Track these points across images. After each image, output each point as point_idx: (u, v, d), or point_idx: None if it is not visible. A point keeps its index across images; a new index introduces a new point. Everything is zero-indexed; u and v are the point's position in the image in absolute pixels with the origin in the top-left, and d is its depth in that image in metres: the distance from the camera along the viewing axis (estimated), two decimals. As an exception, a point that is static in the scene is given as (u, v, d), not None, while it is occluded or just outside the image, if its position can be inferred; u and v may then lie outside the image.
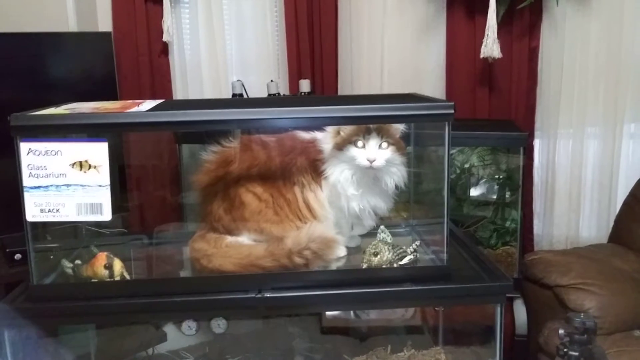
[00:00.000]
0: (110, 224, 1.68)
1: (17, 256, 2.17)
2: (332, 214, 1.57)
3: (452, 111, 1.35)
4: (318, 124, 1.51)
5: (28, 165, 1.30)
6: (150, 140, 2.45)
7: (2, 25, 2.35)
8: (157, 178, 2.75)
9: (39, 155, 1.30)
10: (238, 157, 1.55)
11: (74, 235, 1.74)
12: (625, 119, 2.68)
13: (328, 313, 2.43)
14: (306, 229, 1.49)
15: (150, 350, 2.51)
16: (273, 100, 2.37)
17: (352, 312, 2.41)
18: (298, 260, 1.44)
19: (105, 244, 1.60)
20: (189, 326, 2.18)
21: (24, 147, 1.29)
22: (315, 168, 1.56)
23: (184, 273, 1.63)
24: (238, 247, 1.51)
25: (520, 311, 2.58)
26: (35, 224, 1.35)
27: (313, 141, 1.58)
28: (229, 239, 1.54)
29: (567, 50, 2.67)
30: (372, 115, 1.37)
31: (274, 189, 1.54)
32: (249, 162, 1.55)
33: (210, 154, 1.60)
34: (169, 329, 2.59)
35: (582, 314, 1.54)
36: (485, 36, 2.53)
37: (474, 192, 2.67)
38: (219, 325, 2.14)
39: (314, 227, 1.50)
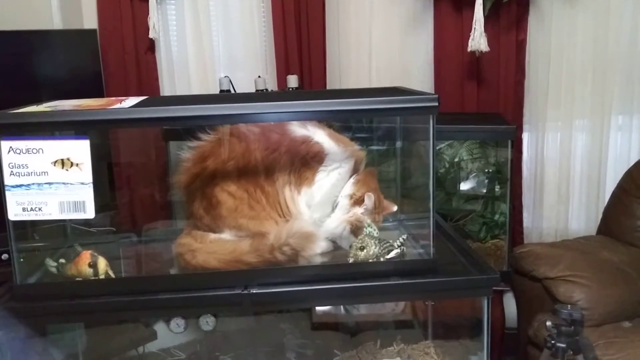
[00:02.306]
0: (98, 223, 1.67)
1: (4, 256, 2.15)
2: (309, 215, 1.56)
3: (437, 104, 1.34)
4: (303, 118, 1.50)
5: (9, 163, 1.29)
6: (137, 138, 2.43)
7: (-15, 23, 2.34)
8: (145, 176, 2.73)
9: (19, 153, 1.29)
10: (214, 152, 1.53)
11: (63, 235, 1.73)
12: (612, 111, 2.69)
13: (318, 309, 2.43)
14: (287, 224, 1.48)
15: (140, 349, 2.51)
16: (258, 95, 2.36)
17: (342, 308, 2.41)
18: (280, 256, 1.43)
19: (93, 243, 1.59)
20: (177, 324, 2.18)
21: (5, 145, 1.28)
22: (304, 166, 1.54)
23: (173, 271, 1.62)
24: (222, 243, 1.50)
25: (510, 304, 2.59)
26: (21, 224, 1.34)
27: (306, 140, 1.55)
28: (213, 235, 1.53)
29: (555, 43, 2.67)
30: (357, 109, 1.36)
31: (252, 183, 1.52)
32: (224, 157, 1.53)
33: (187, 152, 1.57)
34: (159, 327, 2.58)
35: (569, 306, 1.56)
36: (473, 30, 2.53)
37: (464, 186, 2.67)
38: (207, 322, 2.14)
39: (293, 222, 1.50)
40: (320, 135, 1.56)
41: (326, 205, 1.58)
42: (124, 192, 2.67)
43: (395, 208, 1.63)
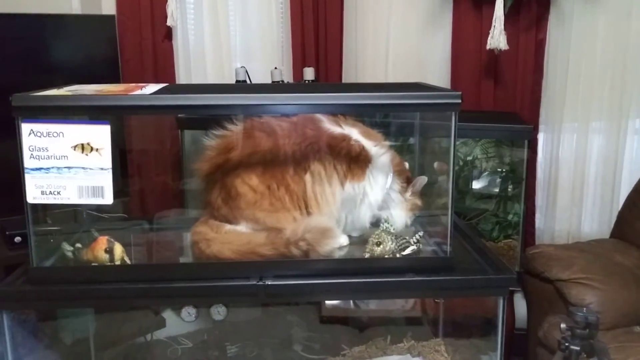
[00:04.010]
0: (110, 209, 1.67)
1: (17, 239, 2.16)
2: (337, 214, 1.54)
3: (459, 101, 1.33)
4: (325, 111, 1.49)
5: (29, 146, 1.28)
6: (152, 126, 2.44)
7: (4, 6, 2.32)
8: (158, 164, 2.73)
9: (40, 136, 1.28)
10: (240, 143, 1.52)
11: (74, 220, 1.73)
12: (630, 114, 2.67)
13: (327, 302, 2.43)
14: (305, 220, 1.47)
15: (149, 336, 2.52)
16: (280, 87, 2.35)
17: (351, 302, 2.41)
18: (295, 251, 1.43)
19: (104, 229, 1.59)
20: (188, 312, 2.18)
21: (26, 128, 1.28)
22: (345, 165, 1.52)
23: (184, 259, 1.62)
24: (238, 234, 1.50)
25: (520, 305, 2.57)
26: (35, 207, 1.34)
27: (345, 138, 1.53)
28: (228, 226, 1.52)
29: (574, 44, 2.65)
30: (379, 104, 1.35)
31: (276, 178, 1.50)
32: (250, 150, 1.51)
33: (212, 139, 1.55)
34: (168, 315, 2.59)
35: (584, 309, 1.54)
36: (492, 27, 2.51)
37: (477, 184, 2.66)
38: (218, 312, 2.14)
39: (312, 218, 1.49)
40: (356, 134, 1.55)
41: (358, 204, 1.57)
42: (137, 179, 2.67)
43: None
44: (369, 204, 1.56)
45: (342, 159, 1.52)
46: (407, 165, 1.67)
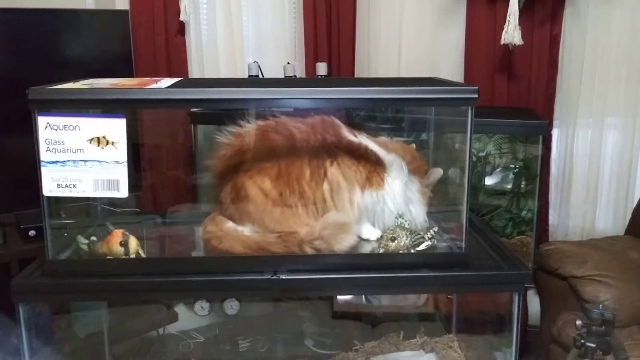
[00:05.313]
0: (122, 203, 1.68)
1: (32, 232, 2.17)
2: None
3: (476, 96, 1.33)
4: (340, 105, 1.48)
5: (46, 139, 1.29)
6: (165, 120, 2.44)
7: (18, 1, 2.34)
8: (170, 158, 2.74)
9: (56, 129, 1.29)
10: (257, 145, 1.49)
11: (87, 214, 1.74)
12: (646, 110, 2.64)
13: (339, 298, 2.43)
14: (321, 219, 1.46)
15: (161, 330, 2.53)
16: (298, 81, 2.34)
17: (363, 298, 2.41)
18: (309, 250, 1.42)
19: (118, 222, 1.60)
20: (201, 306, 2.19)
21: (42, 121, 1.28)
22: (371, 171, 1.52)
23: (196, 254, 1.62)
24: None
25: (533, 301, 2.56)
26: (49, 201, 1.34)
27: (364, 147, 1.52)
28: (231, 225, 1.50)
29: (589, 39, 2.62)
30: (395, 98, 1.35)
31: (290, 185, 1.47)
32: (265, 151, 1.48)
33: (227, 137, 1.53)
34: (180, 309, 2.60)
35: (600, 305, 1.53)
36: (507, 22, 2.49)
37: (490, 180, 2.64)
38: (231, 306, 2.15)
39: (328, 215, 1.47)
40: (372, 144, 1.55)
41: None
42: (149, 173, 2.68)
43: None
44: (390, 211, 1.54)
45: (362, 166, 1.50)
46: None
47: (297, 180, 1.47)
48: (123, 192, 1.34)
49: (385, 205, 1.53)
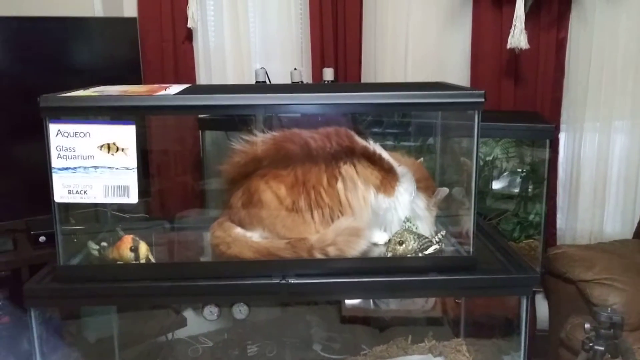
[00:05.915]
0: (131, 209, 1.69)
1: (42, 238, 2.19)
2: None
3: (483, 100, 1.34)
4: (348, 110, 1.49)
5: (57, 146, 1.31)
6: (173, 127, 2.46)
7: (27, 9, 2.36)
8: (179, 164, 2.75)
9: (67, 136, 1.31)
10: (272, 153, 1.50)
11: (95, 220, 1.75)
12: (653, 113, 2.64)
13: (347, 302, 2.43)
14: (333, 226, 1.47)
15: (170, 335, 2.54)
16: (306, 87, 2.35)
17: (371, 302, 2.41)
18: (318, 256, 1.42)
19: (127, 228, 1.61)
20: (210, 311, 2.19)
21: (53, 128, 1.30)
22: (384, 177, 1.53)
23: (204, 259, 1.63)
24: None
25: (541, 305, 2.56)
26: (60, 207, 1.36)
27: (380, 157, 1.54)
28: (239, 231, 1.51)
29: (596, 42, 2.62)
30: (402, 103, 1.36)
31: (305, 191, 1.47)
32: (282, 161, 1.48)
33: (242, 144, 1.53)
34: (189, 314, 2.61)
35: (608, 309, 1.53)
36: (513, 26, 2.49)
37: (497, 184, 2.64)
38: (240, 311, 2.15)
39: (340, 221, 1.47)
40: (386, 154, 1.57)
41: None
42: (157, 179, 2.70)
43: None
44: (398, 219, 1.55)
45: (376, 171, 1.52)
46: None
47: (313, 187, 1.48)
48: (133, 197, 1.35)
49: (395, 212, 1.54)
